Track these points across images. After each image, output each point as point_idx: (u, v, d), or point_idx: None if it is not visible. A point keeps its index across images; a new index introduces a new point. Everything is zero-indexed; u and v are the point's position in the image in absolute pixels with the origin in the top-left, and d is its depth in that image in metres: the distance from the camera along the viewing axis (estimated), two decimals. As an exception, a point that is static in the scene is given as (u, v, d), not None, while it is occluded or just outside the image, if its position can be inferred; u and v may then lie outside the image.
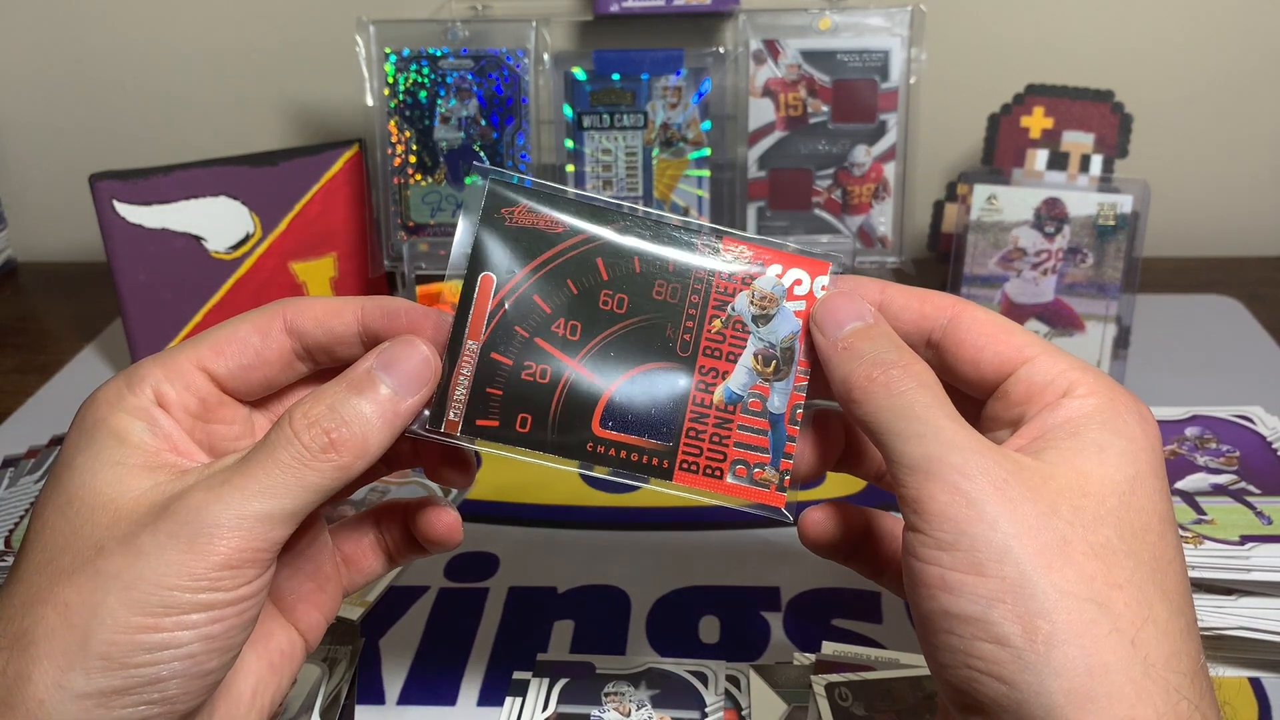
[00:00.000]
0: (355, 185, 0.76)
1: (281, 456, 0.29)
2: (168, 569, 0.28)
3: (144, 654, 0.28)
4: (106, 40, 0.93)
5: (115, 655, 0.28)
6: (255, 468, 0.29)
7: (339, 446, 0.30)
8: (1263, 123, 0.90)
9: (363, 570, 0.38)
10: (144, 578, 0.28)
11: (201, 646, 0.29)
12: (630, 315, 0.34)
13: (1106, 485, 0.29)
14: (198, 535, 0.28)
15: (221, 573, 0.28)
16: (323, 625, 0.37)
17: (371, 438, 0.30)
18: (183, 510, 0.29)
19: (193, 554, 0.28)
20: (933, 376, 0.31)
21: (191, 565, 0.28)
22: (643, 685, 0.49)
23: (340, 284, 0.78)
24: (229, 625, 0.29)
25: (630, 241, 0.34)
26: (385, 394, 0.31)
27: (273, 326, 0.33)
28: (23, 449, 0.67)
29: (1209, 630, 0.48)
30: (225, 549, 0.28)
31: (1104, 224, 0.67)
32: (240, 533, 0.28)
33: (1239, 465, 0.55)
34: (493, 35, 0.69)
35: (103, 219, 0.71)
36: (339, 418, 0.30)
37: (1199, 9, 0.86)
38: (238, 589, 0.29)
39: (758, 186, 0.71)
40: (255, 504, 0.29)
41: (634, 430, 0.34)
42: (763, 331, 0.34)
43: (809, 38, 0.69)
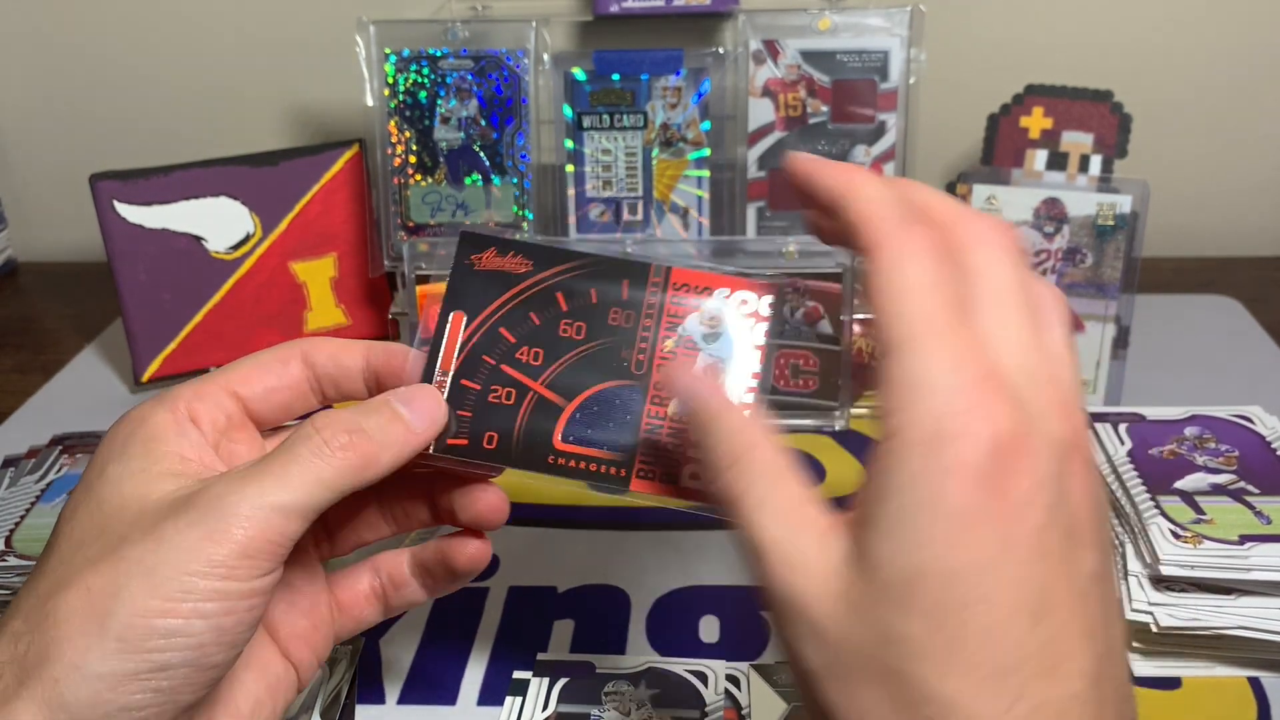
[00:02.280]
0: (355, 185, 0.76)
1: (300, 451, 0.32)
2: (187, 555, 0.30)
3: (158, 639, 0.29)
4: (107, 40, 0.93)
5: (131, 638, 0.29)
6: (273, 463, 0.32)
7: (354, 447, 0.32)
8: (1262, 123, 0.90)
9: (355, 617, 0.41)
10: (165, 562, 0.29)
11: (211, 637, 0.30)
12: (588, 340, 0.38)
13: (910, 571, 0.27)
14: (217, 522, 0.30)
15: (238, 560, 0.30)
16: (314, 665, 0.39)
17: (385, 448, 0.33)
18: (203, 500, 0.31)
19: (212, 541, 0.30)
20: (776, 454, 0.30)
21: (210, 551, 0.30)
22: (643, 685, 0.49)
23: (340, 284, 0.78)
24: (238, 619, 0.30)
25: (587, 276, 0.38)
26: (401, 414, 0.34)
27: (292, 357, 0.37)
28: (23, 449, 0.67)
29: (1209, 630, 0.48)
30: (242, 536, 0.30)
31: (1103, 224, 0.67)
32: (257, 522, 0.30)
33: (1238, 465, 0.55)
34: (493, 35, 0.69)
35: (103, 219, 0.71)
36: (357, 424, 0.33)
37: (1199, 9, 0.86)
38: (251, 580, 0.30)
39: (757, 187, 0.71)
40: (272, 495, 0.31)
41: (593, 444, 0.37)
42: (712, 348, 0.37)
43: (808, 38, 0.69)
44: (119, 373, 0.79)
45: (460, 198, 0.71)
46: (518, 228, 0.71)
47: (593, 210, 0.72)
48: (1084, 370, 0.68)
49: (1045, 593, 0.26)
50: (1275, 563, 0.49)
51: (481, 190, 0.71)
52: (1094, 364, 0.68)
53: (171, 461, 0.33)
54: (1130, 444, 0.57)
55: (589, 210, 0.72)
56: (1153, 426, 0.59)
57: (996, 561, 0.26)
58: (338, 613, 0.40)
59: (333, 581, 0.41)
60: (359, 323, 0.79)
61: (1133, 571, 0.51)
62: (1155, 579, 0.50)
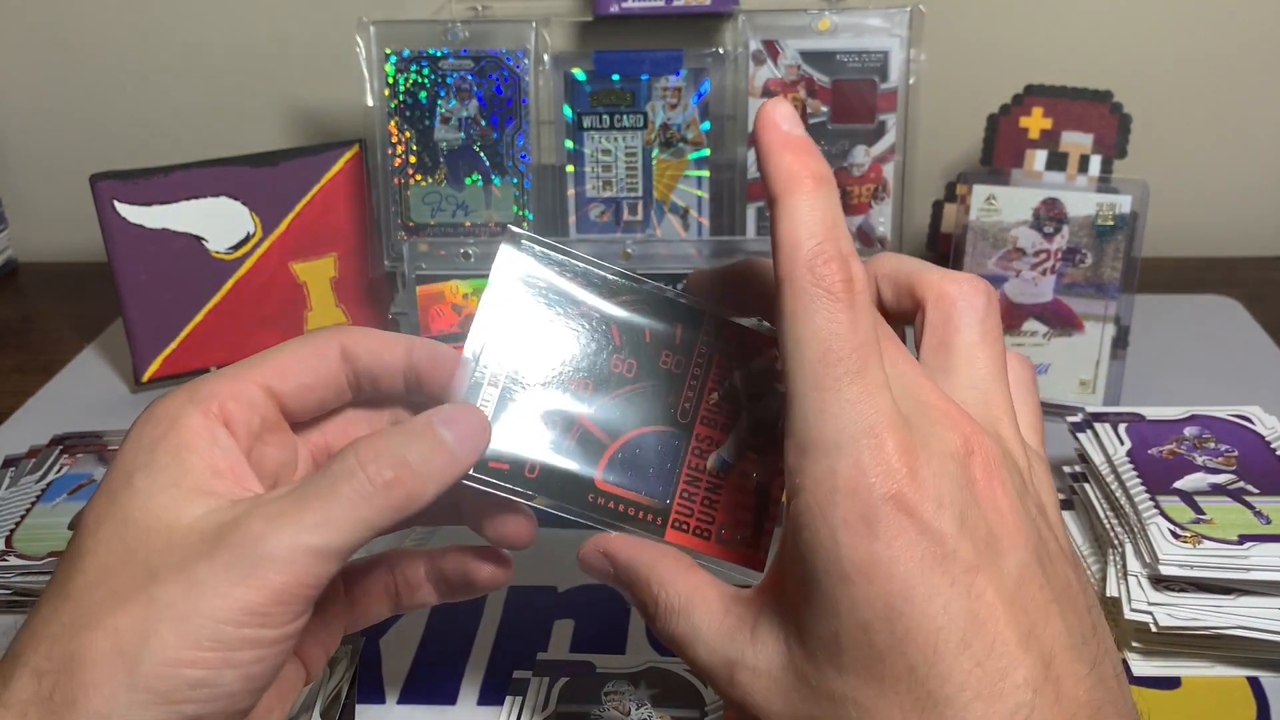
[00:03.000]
0: (356, 185, 0.76)
1: (343, 489, 0.30)
2: (222, 602, 0.28)
3: (187, 689, 0.28)
4: (107, 40, 0.93)
5: (160, 689, 0.28)
6: (314, 500, 0.30)
7: (399, 484, 0.30)
8: (1262, 123, 0.90)
9: (367, 613, 0.39)
10: (199, 610, 0.28)
11: (241, 685, 0.29)
12: (637, 380, 0.36)
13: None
14: (254, 566, 0.28)
15: (273, 607, 0.29)
16: (323, 659, 0.38)
17: (430, 482, 0.31)
18: (240, 541, 0.29)
19: (247, 587, 0.28)
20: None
21: (246, 599, 0.28)
22: (643, 684, 0.49)
23: (340, 284, 0.78)
24: (270, 665, 0.29)
25: (641, 312, 0.37)
26: (447, 441, 0.32)
27: (330, 350, 0.35)
28: (23, 449, 0.67)
29: (1208, 630, 0.48)
30: (279, 582, 0.29)
31: (1103, 224, 0.67)
32: (295, 566, 0.29)
33: (1238, 465, 0.55)
34: (493, 36, 0.69)
35: (103, 219, 0.71)
36: (401, 457, 0.31)
37: (1198, 9, 0.86)
38: (284, 626, 0.29)
39: (758, 187, 0.71)
40: (310, 537, 0.29)
41: (633, 486, 0.36)
42: (756, 409, 0.37)
43: (808, 38, 0.69)
44: (119, 373, 0.79)
45: (460, 198, 0.71)
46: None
47: (593, 210, 0.72)
48: (1083, 370, 0.68)
49: (969, 614, 0.26)
50: (1275, 562, 0.49)
51: (481, 190, 0.71)
52: (1093, 364, 0.68)
53: (203, 476, 0.31)
54: (1130, 444, 0.57)
55: (589, 210, 0.72)
56: (1152, 426, 0.59)
57: (907, 599, 0.26)
58: (349, 607, 0.39)
59: (346, 577, 0.39)
60: (359, 323, 0.79)
61: (1132, 571, 0.51)
62: (1154, 579, 0.50)
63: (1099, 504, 0.56)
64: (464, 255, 0.67)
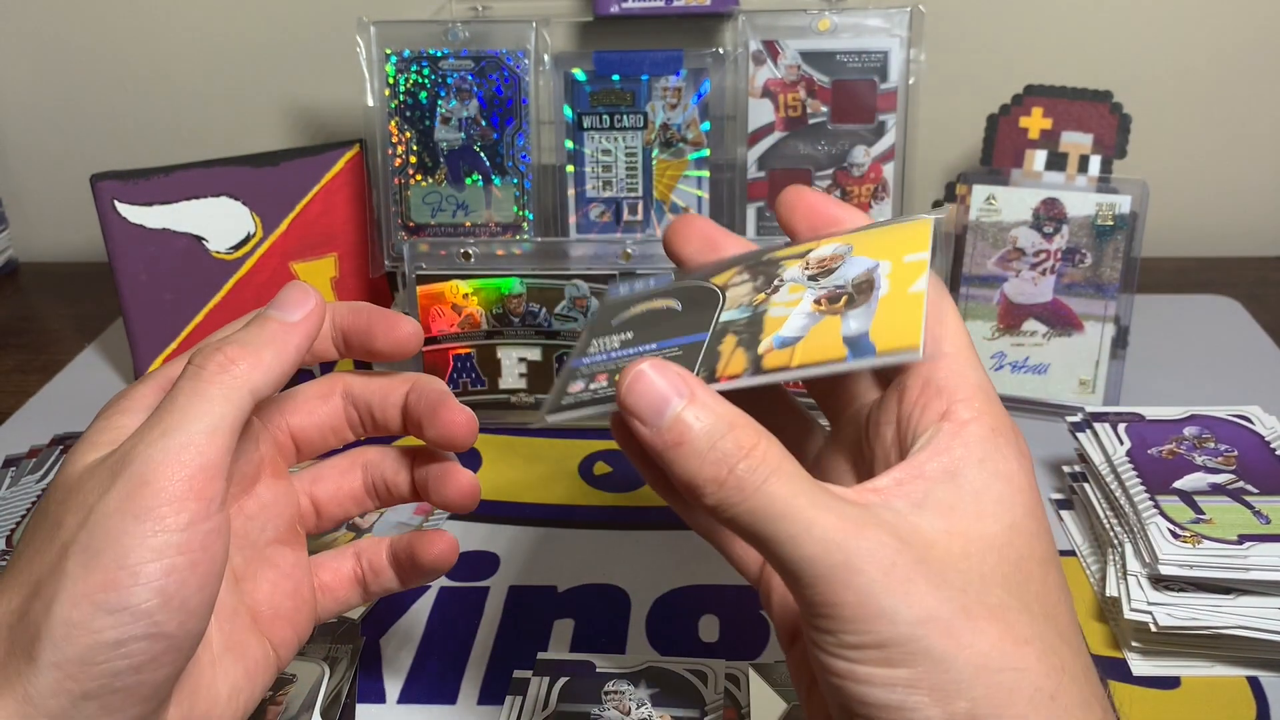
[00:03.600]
0: (356, 185, 0.77)
1: (185, 387, 0.31)
2: (112, 517, 0.29)
3: (105, 616, 0.28)
4: (107, 40, 0.93)
5: (77, 620, 0.28)
6: (165, 407, 0.31)
7: (235, 360, 0.32)
8: (1261, 123, 0.90)
9: (337, 599, 0.41)
10: (93, 534, 0.29)
11: (159, 601, 0.29)
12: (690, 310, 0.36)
13: (984, 543, 0.28)
14: (132, 476, 0.29)
15: (164, 509, 0.29)
16: (295, 644, 0.38)
17: (265, 348, 0.32)
18: (115, 462, 0.30)
19: (133, 497, 0.29)
20: (778, 450, 0.28)
21: (129, 507, 0.29)
22: (642, 684, 0.49)
23: (341, 284, 0.78)
24: (184, 579, 0.29)
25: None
26: (273, 316, 0.34)
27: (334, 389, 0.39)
28: (24, 449, 0.67)
29: (1208, 629, 0.48)
30: (161, 482, 0.29)
31: (1102, 224, 0.67)
32: (168, 463, 0.29)
33: (1237, 465, 0.55)
34: (493, 36, 0.69)
35: (104, 219, 0.71)
36: (231, 340, 0.33)
37: (1198, 10, 0.86)
38: (183, 530, 0.29)
39: (757, 187, 0.71)
40: (172, 436, 0.30)
41: None
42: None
43: (808, 38, 0.69)
44: (120, 372, 0.79)
45: (460, 198, 0.71)
46: (518, 228, 0.71)
47: (593, 210, 0.72)
48: (1083, 370, 0.68)
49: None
50: (1274, 562, 0.49)
51: (482, 190, 0.71)
52: (1093, 364, 0.68)
53: (115, 433, 0.32)
54: (1129, 444, 0.57)
55: (589, 210, 0.72)
56: (1152, 426, 0.59)
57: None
58: (320, 593, 0.40)
59: (316, 563, 0.40)
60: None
61: (1132, 571, 0.51)
62: (1154, 579, 0.50)
63: (1098, 504, 0.56)
64: (464, 255, 0.67)
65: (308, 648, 0.51)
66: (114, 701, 0.29)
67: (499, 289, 0.67)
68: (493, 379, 0.69)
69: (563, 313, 0.67)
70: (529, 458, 0.67)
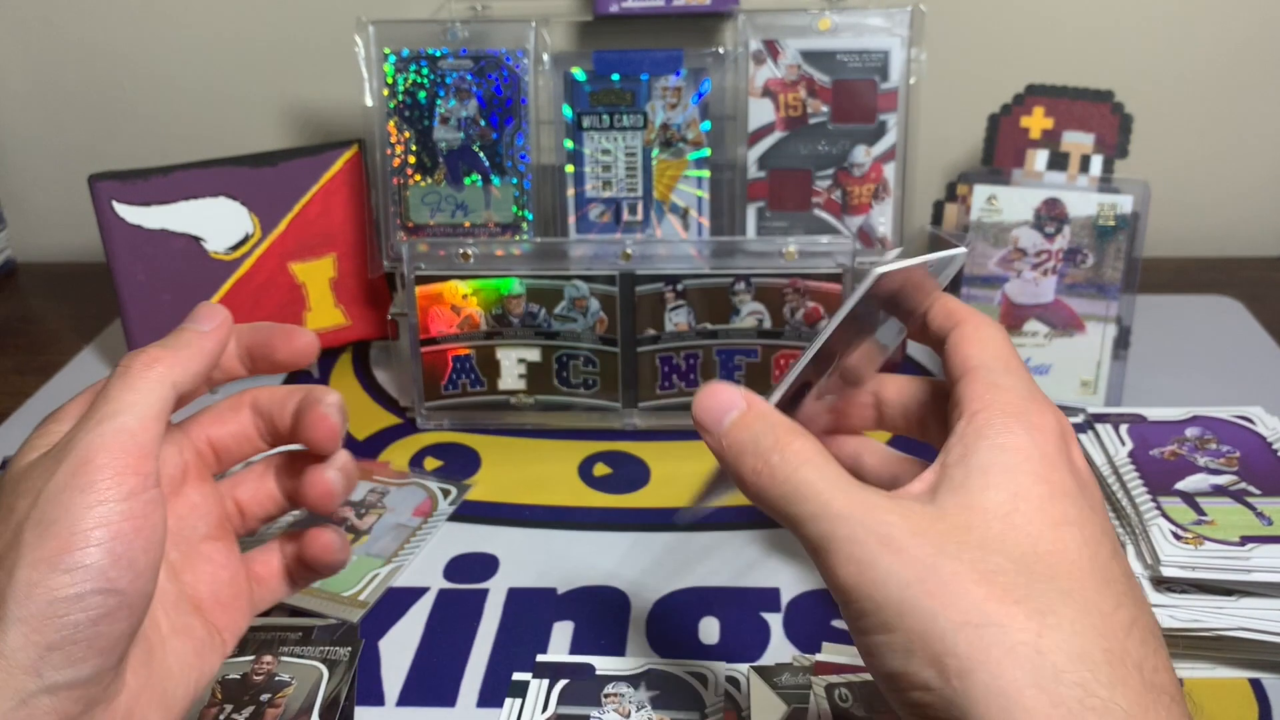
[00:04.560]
0: (354, 186, 0.76)
1: (115, 383, 0.36)
2: (61, 493, 0.32)
3: (61, 574, 0.31)
4: (106, 41, 0.93)
5: (36, 579, 0.31)
6: (98, 401, 0.35)
7: (157, 359, 0.37)
8: (1263, 123, 0.90)
9: (269, 589, 0.44)
10: (44, 510, 0.32)
11: (109, 561, 0.32)
12: None
13: (988, 514, 0.30)
14: (76, 458, 0.33)
15: (106, 482, 0.33)
16: (239, 628, 0.42)
17: (181, 351, 0.37)
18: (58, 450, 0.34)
19: (78, 474, 0.33)
20: (813, 446, 0.33)
21: (74, 481, 0.33)
22: (642, 686, 0.49)
23: (339, 284, 0.78)
24: (129, 542, 0.33)
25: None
26: (187, 327, 0.39)
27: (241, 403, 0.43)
28: (22, 450, 0.67)
29: (1210, 631, 0.48)
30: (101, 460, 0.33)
31: (1104, 224, 0.67)
32: (105, 444, 0.33)
33: (1239, 466, 0.55)
34: (492, 35, 0.69)
35: (102, 219, 0.71)
36: (153, 345, 0.37)
37: (1199, 10, 0.86)
38: (124, 500, 0.33)
39: (757, 187, 0.71)
40: (108, 421, 0.34)
41: None
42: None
43: (809, 38, 0.69)
44: (118, 373, 0.79)
45: (460, 198, 0.71)
46: (517, 228, 0.71)
47: (592, 210, 0.71)
48: (1085, 370, 0.68)
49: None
50: (1276, 564, 0.49)
51: (481, 190, 0.71)
52: (1094, 364, 0.68)
53: (51, 437, 0.36)
54: (1131, 445, 0.57)
55: (589, 210, 0.71)
56: (1154, 427, 0.59)
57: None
58: (255, 585, 0.43)
59: (248, 558, 0.44)
60: (358, 323, 0.79)
61: (1133, 572, 0.51)
62: (1156, 580, 0.50)
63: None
64: (463, 256, 0.67)
65: (306, 649, 0.51)
66: (76, 652, 0.32)
67: (498, 289, 0.67)
68: (492, 380, 0.69)
69: (562, 313, 0.67)
70: (528, 459, 0.67)
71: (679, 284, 0.66)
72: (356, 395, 0.75)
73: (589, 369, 0.68)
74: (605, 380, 0.68)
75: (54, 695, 0.32)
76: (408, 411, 0.72)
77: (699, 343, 0.67)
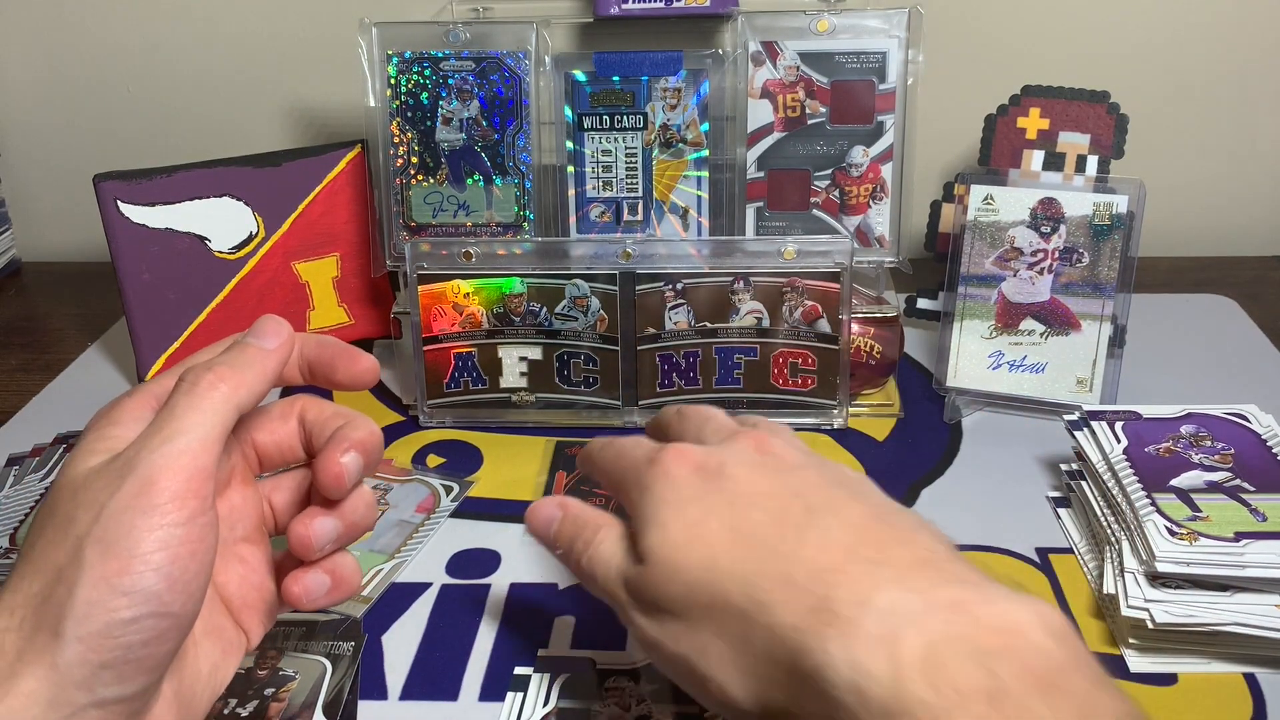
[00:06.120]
0: (358, 186, 0.77)
1: (179, 400, 0.36)
2: (124, 512, 0.33)
3: (120, 597, 0.32)
4: (110, 41, 0.93)
5: (96, 599, 0.32)
6: (163, 417, 0.35)
7: (223, 379, 0.37)
8: (1258, 123, 0.90)
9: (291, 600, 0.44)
10: (107, 528, 0.33)
11: (165, 586, 0.33)
12: None
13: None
14: (139, 477, 0.33)
15: (168, 505, 0.33)
16: (261, 630, 0.43)
17: (246, 370, 0.37)
18: (121, 465, 0.34)
19: (141, 495, 0.33)
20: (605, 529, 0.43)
21: (137, 504, 0.33)
22: (643, 680, 0.49)
23: (343, 284, 0.78)
24: (185, 565, 0.33)
25: None
26: (252, 343, 0.39)
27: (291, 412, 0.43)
28: (27, 448, 0.68)
29: (1205, 626, 0.48)
30: (164, 482, 0.33)
31: (1100, 224, 0.67)
32: (170, 467, 0.34)
33: (1234, 463, 0.56)
34: (494, 37, 0.70)
35: (106, 219, 0.72)
36: (218, 362, 0.37)
37: (1194, 10, 0.86)
38: (183, 524, 0.33)
39: (756, 187, 0.71)
40: (172, 443, 0.34)
41: None
42: None
43: (807, 39, 0.69)
44: (123, 372, 0.79)
45: (462, 198, 0.71)
46: (519, 228, 0.72)
47: (593, 210, 0.72)
48: (1080, 369, 0.68)
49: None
50: (1271, 560, 0.49)
51: (483, 191, 0.71)
52: (1090, 363, 0.68)
53: (111, 442, 0.36)
54: (1126, 442, 0.58)
55: (589, 210, 0.72)
56: (1149, 425, 0.59)
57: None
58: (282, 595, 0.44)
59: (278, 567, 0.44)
60: (361, 322, 0.80)
61: (1129, 568, 0.51)
62: (1151, 576, 0.50)
63: (1096, 502, 0.57)
64: (465, 255, 0.67)
65: (310, 644, 0.52)
66: (127, 671, 0.33)
67: (500, 288, 0.68)
68: (494, 378, 0.69)
69: (563, 312, 0.68)
70: (530, 456, 0.67)
71: (679, 283, 0.67)
72: (360, 393, 0.76)
73: (590, 367, 0.69)
74: (606, 378, 0.69)
75: (102, 709, 0.33)
76: (410, 409, 0.72)
77: (699, 341, 0.68)
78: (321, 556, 0.41)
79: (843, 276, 0.66)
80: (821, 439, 0.68)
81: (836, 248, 0.66)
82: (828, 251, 0.66)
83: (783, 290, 0.66)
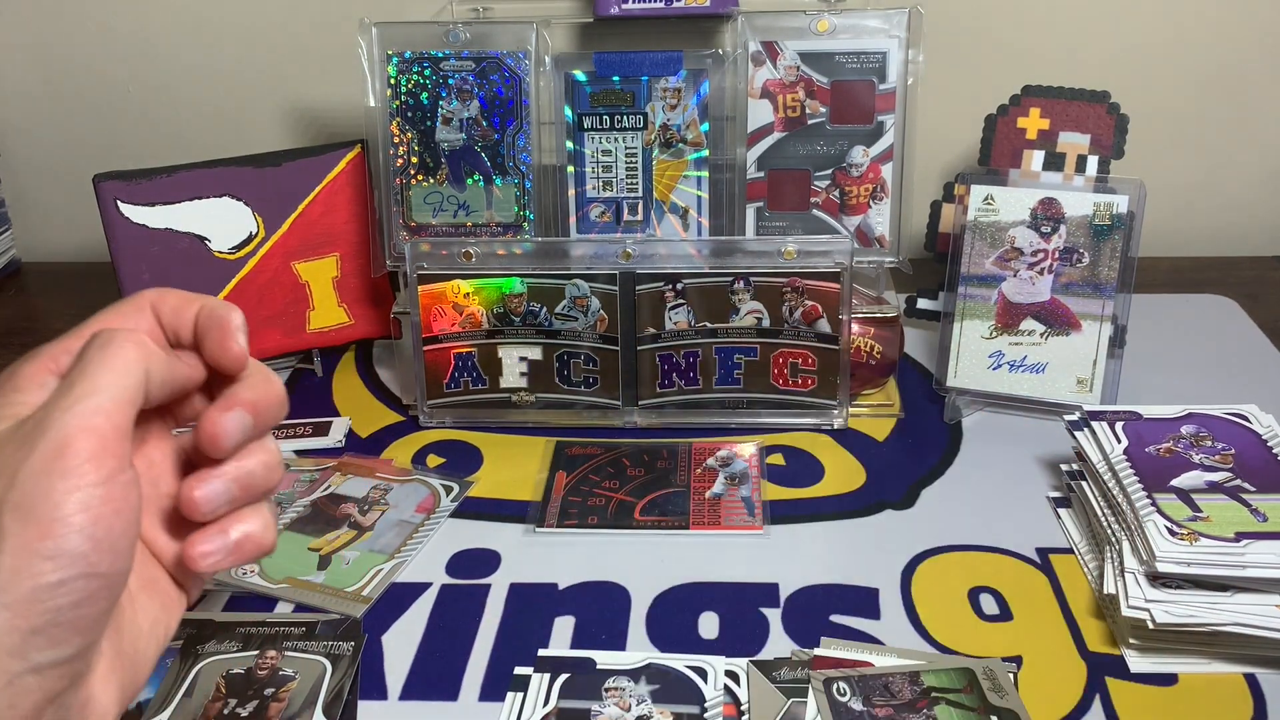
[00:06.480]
0: (357, 186, 0.77)
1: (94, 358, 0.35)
2: (40, 476, 0.32)
3: (44, 561, 0.32)
4: (110, 42, 0.93)
5: (20, 566, 0.32)
6: (74, 376, 0.35)
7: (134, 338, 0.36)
8: (1257, 124, 0.90)
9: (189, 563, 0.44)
10: (24, 493, 0.32)
11: (90, 546, 0.33)
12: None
13: None
14: (53, 440, 0.33)
15: (85, 466, 0.33)
16: (198, 585, 0.42)
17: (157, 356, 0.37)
18: (31, 427, 0.34)
19: (57, 458, 0.33)
20: None
21: (59, 466, 0.32)
22: (643, 680, 0.49)
23: (343, 283, 0.78)
24: (109, 525, 0.33)
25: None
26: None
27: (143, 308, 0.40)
28: (27, 447, 0.67)
29: (1205, 626, 0.48)
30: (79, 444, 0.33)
31: (1100, 224, 0.67)
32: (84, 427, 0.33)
33: (1234, 463, 0.56)
34: (494, 37, 0.70)
35: (106, 219, 0.72)
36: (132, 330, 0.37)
37: (1194, 11, 0.86)
38: (103, 484, 0.33)
39: (756, 187, 0.71)
40: (85, 402, 0.34)
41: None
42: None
43: (807, 39, 0.69)
44: (122, 372, 0.79)
45: (462, 198, 0.71)
46: (519, 228, 0.72)
47: (593, 210, 0.72)
48: (1081, 369, 0.68)
49: None
50: (1271, 560, 0.49)
51: (483, 190, 0.71)
52: (1090, 363, 0.68)
53: (15, 408, 0.35)
54: (1126, 442, 0.58)
55: (589, 210, 0.72)
56: (1149, 425, 0.59)
57: None
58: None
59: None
60: (361, 321, 0.80)
61: (1129, 568, 0.51)
62: (1152, 576, 0.50)
63: (1096, 502, 0.57)
64: (465, 255, 0.67)
65: (310, 644, 0.52)
66: (58, 634, 0.33)
67: (500, 288, 0.68)
68: (494, 378, 0.69)
69: (563, 312, 0.68)
70: (530, 456, 0.67)
71: (679, 283, 0.67)
72: (359, 393, 0.76)
73: (590, 367, 0.69)
74: (606, 378, 0.69)
75: (39, 674, 0.33)
76: (410, 409, 0.72)
77: (699, 341, 0.68)
78: (216, 518, 0.40)
79: (843, 276, 0.66)
80: (822, 439, 0.68)
81: (836, 248, 0.66)
82: (828, 251, 0.66)
83: (783, 290, 0.66)
